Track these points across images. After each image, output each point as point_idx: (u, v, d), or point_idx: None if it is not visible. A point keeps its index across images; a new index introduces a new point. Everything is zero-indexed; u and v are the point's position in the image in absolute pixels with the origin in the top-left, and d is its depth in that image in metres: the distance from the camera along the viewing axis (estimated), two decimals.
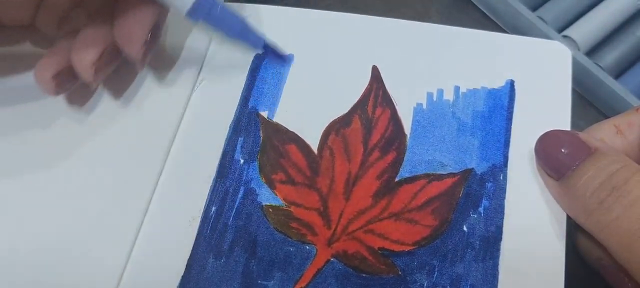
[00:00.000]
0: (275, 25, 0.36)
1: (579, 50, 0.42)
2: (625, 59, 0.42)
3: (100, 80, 0.32)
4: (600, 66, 0.41)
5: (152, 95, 0.34)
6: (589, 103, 0.42)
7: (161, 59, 0.35)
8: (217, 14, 0.31)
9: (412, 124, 0.32)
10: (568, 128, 0.31)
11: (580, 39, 0.42)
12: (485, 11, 0.45)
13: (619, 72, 0.42)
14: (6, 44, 0.35)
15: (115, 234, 0.30)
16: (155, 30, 0.32)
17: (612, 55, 0.42)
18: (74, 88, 0.33)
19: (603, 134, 0.30)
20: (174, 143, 0.33)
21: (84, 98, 0.34)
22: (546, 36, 0.42)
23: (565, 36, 0.42)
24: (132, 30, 0.31)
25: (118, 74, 0.34)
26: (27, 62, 0.35)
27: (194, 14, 0.31)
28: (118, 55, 0.32)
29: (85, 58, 0.30)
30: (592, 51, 0.42)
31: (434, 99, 0.33)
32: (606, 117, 0.41)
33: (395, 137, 0.32)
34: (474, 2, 0.46)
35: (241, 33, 0.33)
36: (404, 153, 0.32)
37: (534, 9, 0.44)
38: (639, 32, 0.43)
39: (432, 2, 0.46)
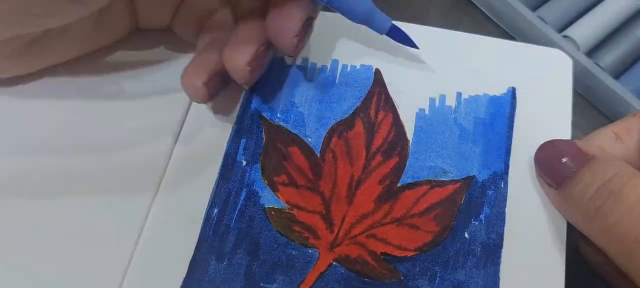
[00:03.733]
0: None
1: (579, 50, 0.42)
2: (625, 59, 0.42)
3: (254, 80, 0.32)
4: (600, 66, 0.41)
5: (154, 97, 0.34)
6: (589, 103, 0.42)
7: (163, 60, 0.35)
8: None
9: (414, 129, 0.33)
10: (568, 136, 0.32)
11: (580, 39, 0.42)
12: (485, 11, 0.45)
13: (619, 72, 0.42)
14: (141, 48, 0.35)
15: (117, 236, 0.30)
16: (308, 22, 0.31)
17: (612, 55, 0.42)
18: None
19: (602, 140, 0.30)
20: (176, 144, 0.33)
21: (87, 100, 0.34)
22: (546, 36, 0.42)
23: (565, 36, 0.42)
24: (285, 24, 0.30)
25: (119, 76, 0.35)
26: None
27: None
28: (270, 51, 0.32)
29: (240, 59, 0.30)
30: (592, 51, 0.43)
31: (436, 105, 0.33)
32: (606, 116, 0.41)
33: (397, 142, 0.32)
34: (474, 2, 0.46)
35: (366, 17, 0.32)
36: (406, 159, 0.32)
37: (534, 9, 0.44)
38: (639, 32, 0.43)
39: (432, 1, 0.46)
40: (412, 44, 0.34)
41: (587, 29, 0.43)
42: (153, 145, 0.33)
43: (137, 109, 0.34)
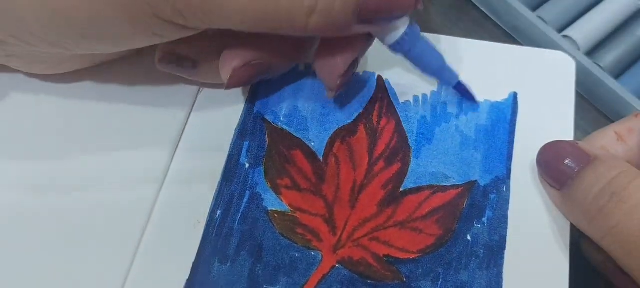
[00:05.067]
0: None
1: (579, 50, 0.42)
2: (625, 59, 0.42)
3: (234, 85, 0.31)
4: (600, 66, 0.41)
5: (157, 98, 0.34)
6: (589, 103, 0.42)
7: None
8: (418, 51, 0.31)
9: (416, 136, 0.33)
10: (571, 138, 0.32)
11: (580, 39, 0.42)
12: (485, 11, 0.46)
13: (619, 72, 0.42)
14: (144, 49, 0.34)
15: (119, 237, 0.30)
16: (355, 63, 0.31)
17: (612, 55, 0.42)
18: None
19: (604, 141, 0.30)
20: (179, 146, 0.33)
21: (88, 100, 0.34)
22: (546, 36, 0.42)
23: (565, 36, 0.42)
24: (332, 63, 0.31)
25: (122, 77, 0.35)
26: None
27: (397, 47, 0.30)
28: (261, 72, 0.32)
29: (231, 63, 0.30)
30: (592, 51, 0.43)
31: (438, 112, 0.33)
32: (606, 117, 0.41)
33: (399, 149, 0.32)
34: (474, 2, 0.46)
35: (437, 70, 0.32)
36: (408, 165, 0.32)
37: (534, 9, 0.44)
38: (639, 32, 0.43)
39: (432, 1, 0.46)
40: (474, 100, 0.34)
41: (587, 29, 0.43)
42: (156, 145, 0.33)
43: (140, 110, 0.34)
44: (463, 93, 0.34)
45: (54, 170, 0.32)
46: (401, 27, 0.30)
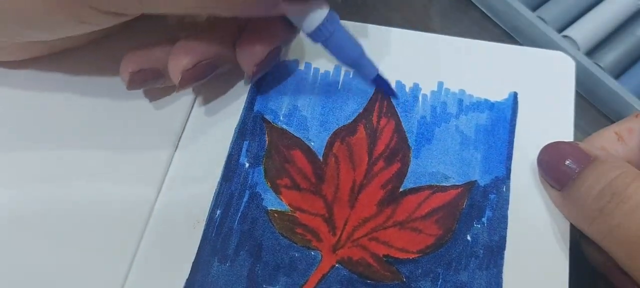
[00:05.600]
0: None
1: (579, 50, 0.42)
2: (625, 59, 0.42)
3: (184, 87, 0.32)
4: (600, 66, 0.41)
5: (157, 97, 0.34)
6: (589, 103, 0.42)
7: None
8: (337, 39, 0.31)
9: (416, 136, 0.33)
10: (571, 138, 0.32)
11: (580, 39, 0.42)
12: (485, 11, 0.46)
13: (619, 72, 0.42)
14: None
15: (119, 237, 0.30)
16: (275, 51, 0.32)
17: (612, 55, 0.42)
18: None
19: (604, 141, 0.30)
20: (179, 145, 0.33)
21: (88, 100, 0.34)
22: (546, 36, 0.42)
23: (565, 36, 0.42)
24: (250, 50, 0.31)
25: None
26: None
27: (316, 35, 0.30)
28: (211, 70, 0.32)
29: (179, 63, 0.30)
30: (592, 51, 0.43)
31: (438, 112, 0.33)
32: (606, 117, 0.41)
33: (399, 149, 0.32)
34: (474, 2, 0.46)
35: (356, 61, 0.32)
36: (408, 165, 0.32)
37: (534, 9, 0.44)
38: (639, 32, 0.43)
39: (432, 1, 0.46)
40: (393, 94, 0.34)
41: (587, 29, 0.43)
42: (156, 145, 0.33)
43: (140, 109, 0.34)
44: (382, 87, 0.33)
45: (54, 168, 0.32)
46: (320, 15, 0.30)
